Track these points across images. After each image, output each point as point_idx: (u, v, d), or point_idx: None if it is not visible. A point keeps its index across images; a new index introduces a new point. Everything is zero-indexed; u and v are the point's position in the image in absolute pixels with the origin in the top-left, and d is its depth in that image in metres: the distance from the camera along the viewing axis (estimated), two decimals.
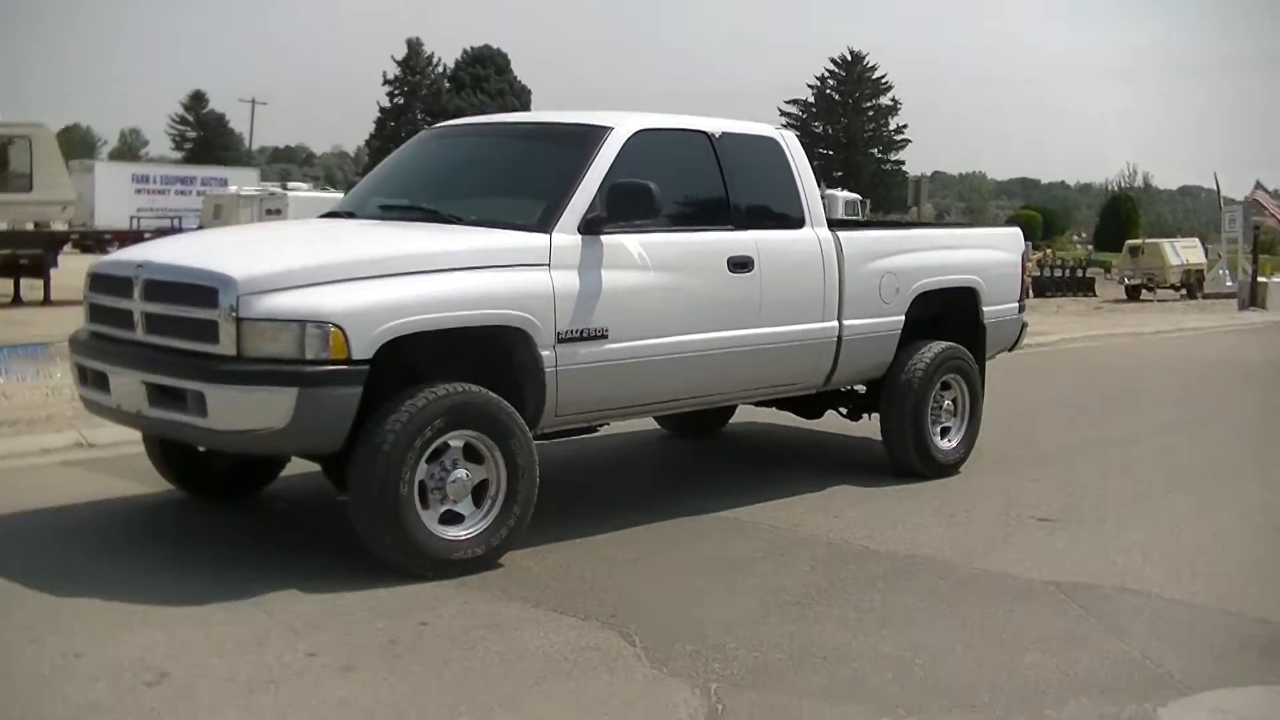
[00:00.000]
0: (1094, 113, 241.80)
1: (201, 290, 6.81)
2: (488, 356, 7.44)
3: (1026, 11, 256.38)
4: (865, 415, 10.67)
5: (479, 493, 7.25)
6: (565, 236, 7.65)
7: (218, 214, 57.33)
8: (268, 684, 5.50)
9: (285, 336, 6.64)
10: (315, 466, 7.96)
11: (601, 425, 8.87)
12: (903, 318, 9.90)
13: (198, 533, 8.08)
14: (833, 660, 6.03)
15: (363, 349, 6.70)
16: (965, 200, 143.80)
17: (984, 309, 10.68)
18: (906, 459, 10.08)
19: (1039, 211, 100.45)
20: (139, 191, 66.97)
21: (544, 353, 7.46)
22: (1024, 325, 11.45)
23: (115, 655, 5.78)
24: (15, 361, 13.89)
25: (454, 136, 9.70)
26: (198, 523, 8.32)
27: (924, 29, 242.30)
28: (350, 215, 8.76)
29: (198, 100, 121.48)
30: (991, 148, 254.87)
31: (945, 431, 10.35)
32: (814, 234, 9.27)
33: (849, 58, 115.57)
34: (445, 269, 7.19)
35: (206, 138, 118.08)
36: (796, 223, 9.22)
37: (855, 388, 10.48)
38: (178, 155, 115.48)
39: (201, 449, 8.31)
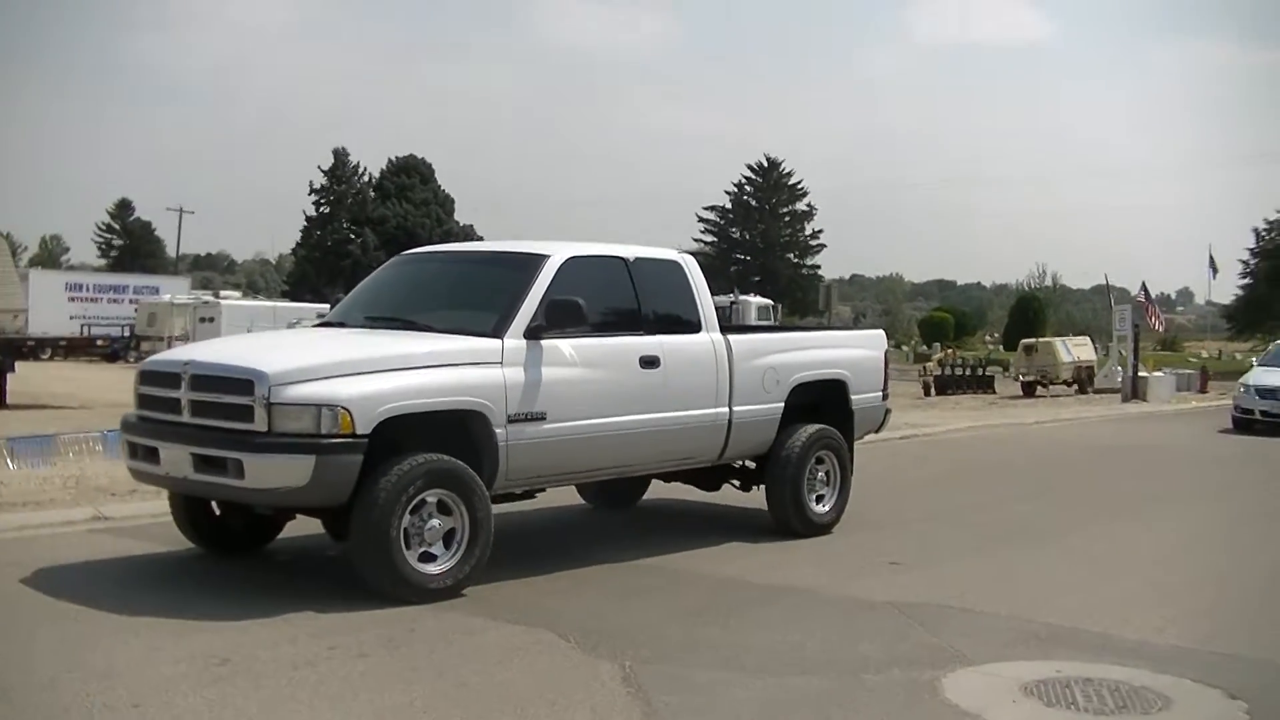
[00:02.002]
0: (1009, 216, 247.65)
1: (240, 382, 8.99)
2: (454, 432, 9.57)
3: (943, 116, 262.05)
4: (755, 487, 12.83)
5: (448, 538, 9.40)
6: (514, 341, 9.88)
7: (151, 321, 58.94)
8: (306, 665, 7.62)
9: (306, 416, 8.82)
10: (308, 529, 10.20)
11: (540, 491, 11.08)
12: (783, 404, 12.12)
13: (221, 576, 10.12)
14: (715, 647, 8.26)
15: (364, 426, 8.90)
16: (882, 302, 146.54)
17: (852, 397, 12.96)
18: (787, 521, 12.29)
19: (950, 313, 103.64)
20: (72, 299, 68.02)
21: (497, 430, 9.66)
22: (887, 411, 13.76)
23: (186, 648, 7.87)
24: (24, 452, 15.64)
25: (422, 261, 12.00)
26: (219, 570, 10.36)
27: (843, 135, 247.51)
28: (342, 325, 10.94)
29: (124, 208, 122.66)
30: (910, 251, 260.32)
31: (820, 498, 12.57)
32: (708, 337, 11.53)
33: (765, 164, 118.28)
34: (423, 366, 9.43)
35: (133, 245, 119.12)
36: (694, 328, 11.48)
37: (746, 463, 12.70)
38: (101, 262, 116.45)
39: (218, 512, 10.47)
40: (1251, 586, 11.15)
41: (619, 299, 11.05)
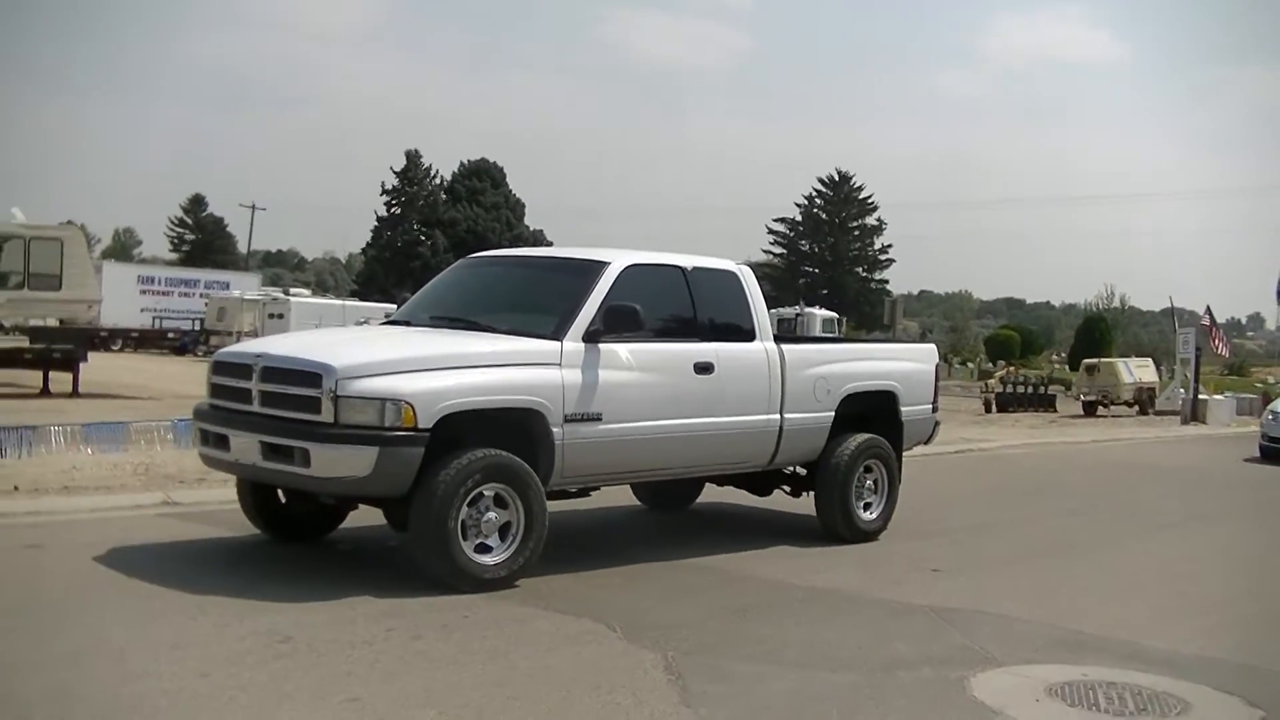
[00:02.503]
0: (1079, 235, 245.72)
1: (309, 375, 9.41)
2: (512, 430, 9.95)
3: (1015, 135, 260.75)
4: (805, 493, 13.16)
5: (504, 531, 9.77)
6: (572, 344, 10.25)
7: (221, 316, 59.78)
8: (363, 644, 8.01)
9: (371, 410, 9.22)
10: (369, 520, 10.62)
11: (594, 490, 11.45)
12: (833, 413, 12.44)
13: (284, 561, 10.57)
14: (756, 642, 8.60)
15: (426, 420, 9.29)
16: (950, 319, 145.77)
17: (902, 409, 13.26)
18: (835, 527, 12.61)
19: (1016, 331, 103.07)
20: (144, 292, 68.89)
21: (554, 429, 10.03)
22: (937, 423, 14.05)
23: (251, 627, 8.29)
24: (97, 439, 16.16)
25: (487, 265, 12.45)
26: (282, 555, 10.81)
27: (915, 152, 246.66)
28: (407, 323, 11.35)
29: (197, 203, 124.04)
30: (979, 268, 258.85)
31: (868, 506, 12.88)
32: (762, 346, 11.87)
33: (836, 178, 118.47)
34: (484, 365, 9.83)
35: (205, 240, 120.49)
36: (748, 336, 11.81)
37: (796, 470, 13.02)
38: (173, 256, 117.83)
39: (284, 500, 10.90)
40: (1278, 603, 11.42)
41: (676, 306, 11.37)
